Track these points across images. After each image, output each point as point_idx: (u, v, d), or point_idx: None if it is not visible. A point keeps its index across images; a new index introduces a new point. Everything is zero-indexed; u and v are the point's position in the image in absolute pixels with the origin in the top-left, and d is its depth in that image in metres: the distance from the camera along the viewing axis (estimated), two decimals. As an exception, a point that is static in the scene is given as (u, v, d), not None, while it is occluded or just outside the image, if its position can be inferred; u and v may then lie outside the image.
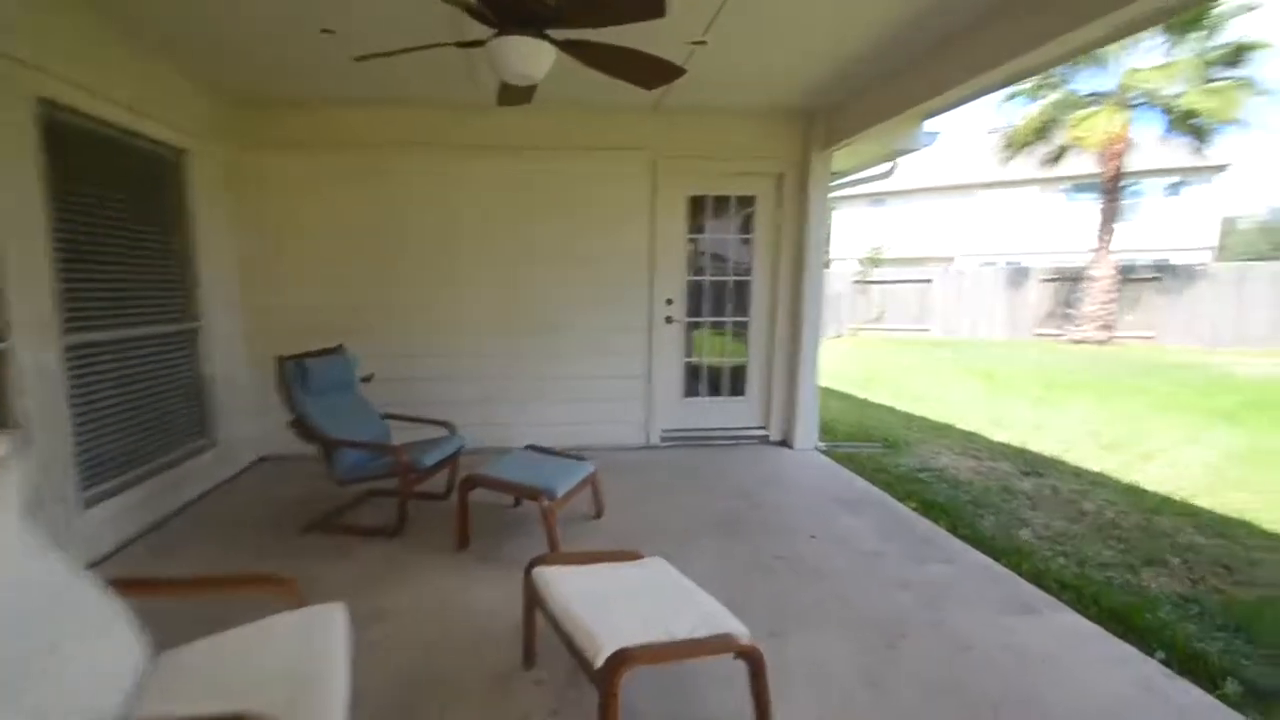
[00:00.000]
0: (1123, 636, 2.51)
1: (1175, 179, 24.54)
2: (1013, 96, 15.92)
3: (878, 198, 30.43)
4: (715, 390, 5.69)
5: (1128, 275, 15.69)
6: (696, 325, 5.59)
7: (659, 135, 5.07)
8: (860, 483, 4.52)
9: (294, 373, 3.51)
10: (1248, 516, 4.16)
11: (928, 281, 18.64)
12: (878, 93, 4.17)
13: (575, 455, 3.65)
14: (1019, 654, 2.38)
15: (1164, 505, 4.38)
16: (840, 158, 5.40)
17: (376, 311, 5.01)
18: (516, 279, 5.14)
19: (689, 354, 5.58)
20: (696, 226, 5.44)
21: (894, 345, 16.21)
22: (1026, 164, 16.78)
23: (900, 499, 4.20)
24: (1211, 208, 25.04)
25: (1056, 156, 16.05)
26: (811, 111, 5.00)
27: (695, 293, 5.53)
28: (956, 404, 8.17)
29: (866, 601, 2.77)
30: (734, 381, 5.68)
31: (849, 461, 5.17)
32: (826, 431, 6.05)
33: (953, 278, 18.58)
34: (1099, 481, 4.91)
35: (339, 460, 3.43)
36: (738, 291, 5.56)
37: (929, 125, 4.97)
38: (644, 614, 1.87)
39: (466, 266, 5.08)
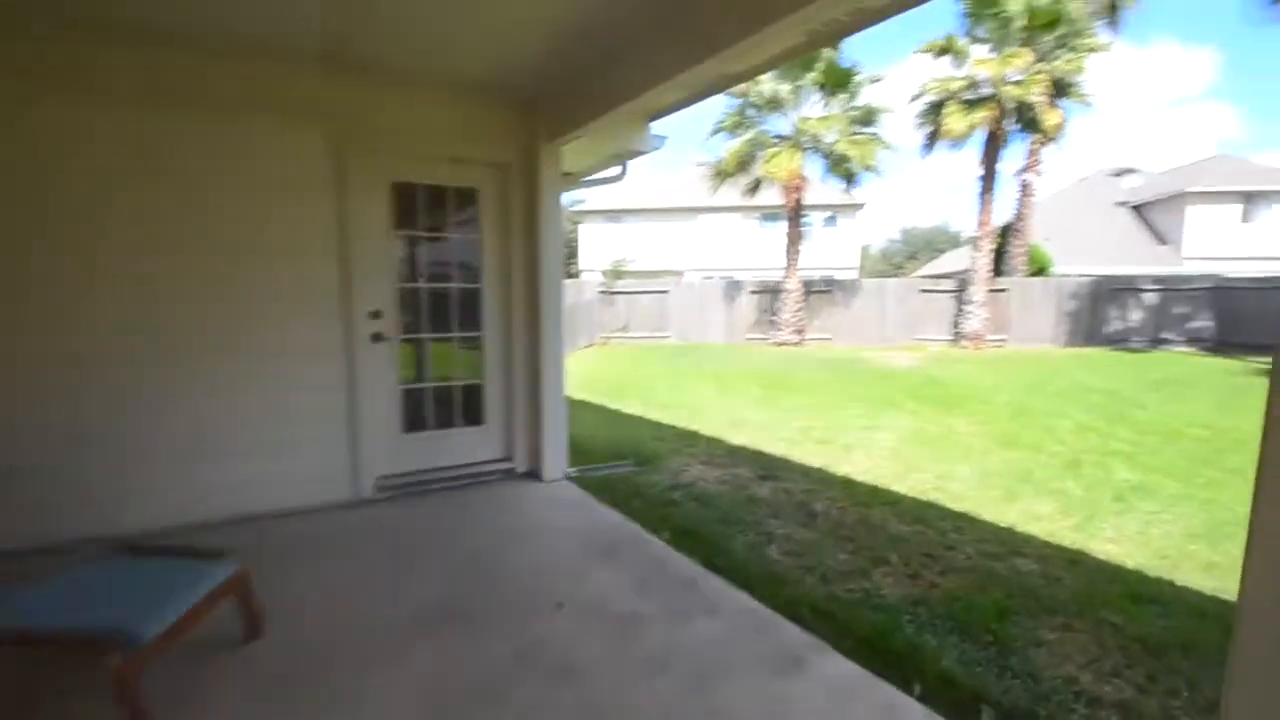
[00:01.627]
0: (882, 672, 2.35)
1: (830, 213, 30.49)
2: (716, 132, 17.81)
3: (615, 215, 32.20)
4: (446, 420, 4.79)
5: (810, 289, 18.64)
6: (415, 342, 4.64)
7: (344, 101, 4.01)
8: (613, 517, 4.06)
9: None
10: (931, 497, 4.70)
11: (665, 292, 20.04)
12: (599, 80, 3.77)
13: (210, 550, 2.43)
14: (801, 724, 2.03)
15: (872, 497, 4.74)
16: (572, 158, 4.97)
17: None
18: (152, 285, 3.60)
19: (415, 378, 4.61)
20: (407, 222, 4.49)
21: (640, 352, 16.86)
22: (732, 192, 18.97)
23: (655, 530, 3.83)
24: (855, 236, 31.56)
25: (754, 187, 18.41)
26: (535, 99, 4.43)
27: (412, 303, 4.58)
28: (698, 409, 8.44)
29: (624, 705, 2.20)
30: (469, 407, 4.84)
31: (602, 489, 4.72)
32: (580, 452, 5.57)
33: (684, 290, 20.16)
34: (821, 479, 5.20)
35: None
36: (466, 301, 4.75)
37: (657, 129, 4.77)
38: None
39: (70, 268, 3.41)
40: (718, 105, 18.04)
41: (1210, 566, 3.45)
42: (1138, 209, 27.75)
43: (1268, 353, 10.67)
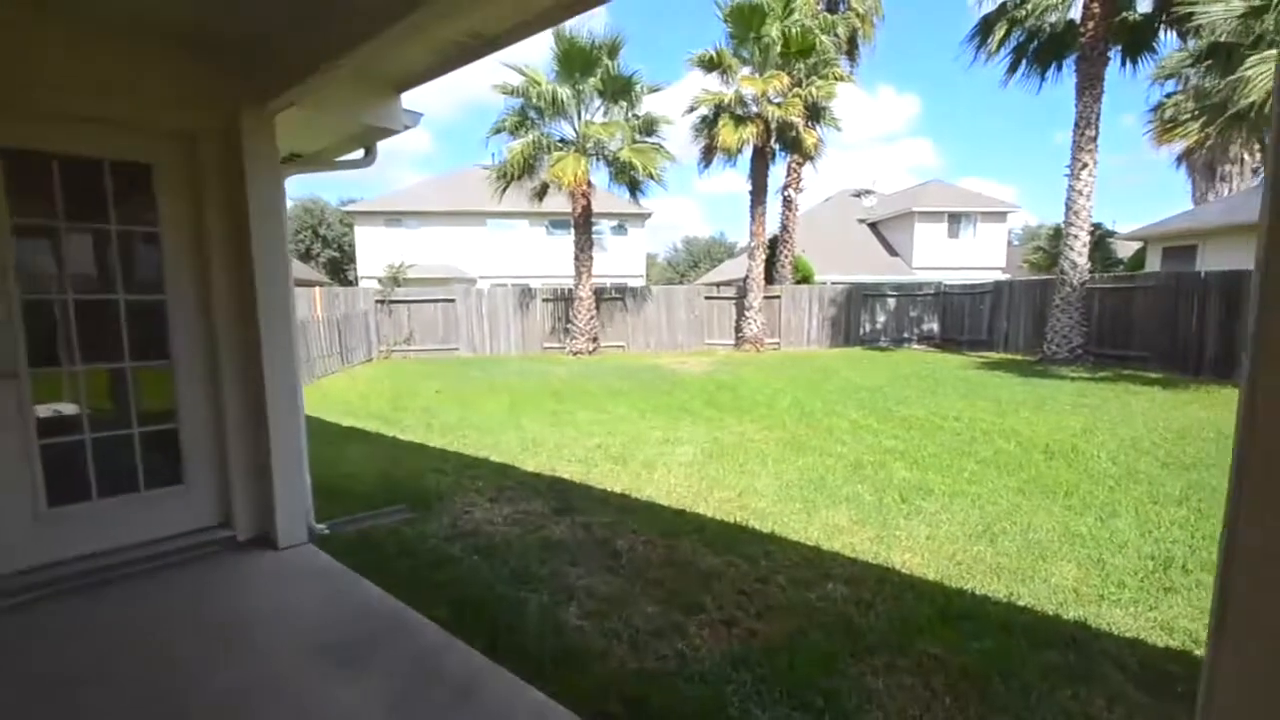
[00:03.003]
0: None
1: (618, 222, 31.24)
2: (497, 131, 16.94)
3: (396, 217, 29.55)
4: (122, 482, 3.44)
5: (602, 296, 18.56)
6: (64, 377, 3.25)
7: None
8: (371, 592, 3.09)
9: None
10: (737, 518, 4.43)
11: (451, 301, 18.52)
12: (312, 26, 2.84)
13: None
14: None
15: (678, 524, 4.33)
16: (303, 135, 3.90)
17: None
18: None
19: (65, 427, 3.22)
20: (31, 208, 3.09)
21: (426, 366, 15.32)
22: (520, 198, 18.24)
23: (426, 605, 2.96)
24: (642, 245, 32.71)
25: (540, 192, 17.87)
26: (237, 47, 3.29)
27: (45, 324, 3.18)
28: (487, 430, 7.56)
29: None
30: (157, 460, 3.54)
31: (362, 549, 3.72)
32: (338, 499, 4.47)
33: (473, 298, 18.83)
34: (623, 507, 4.69)
35: None
36: (144, 317, 3.44)
37: (412, 104, 3.88)
38: None
39: None
40: (501, 104, 17.16)
41: (997, 569, 3.53)
42: (874, 225, 32.51)
43: (980, 349, 12.71)
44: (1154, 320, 12.87)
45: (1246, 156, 22.81)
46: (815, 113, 17.55)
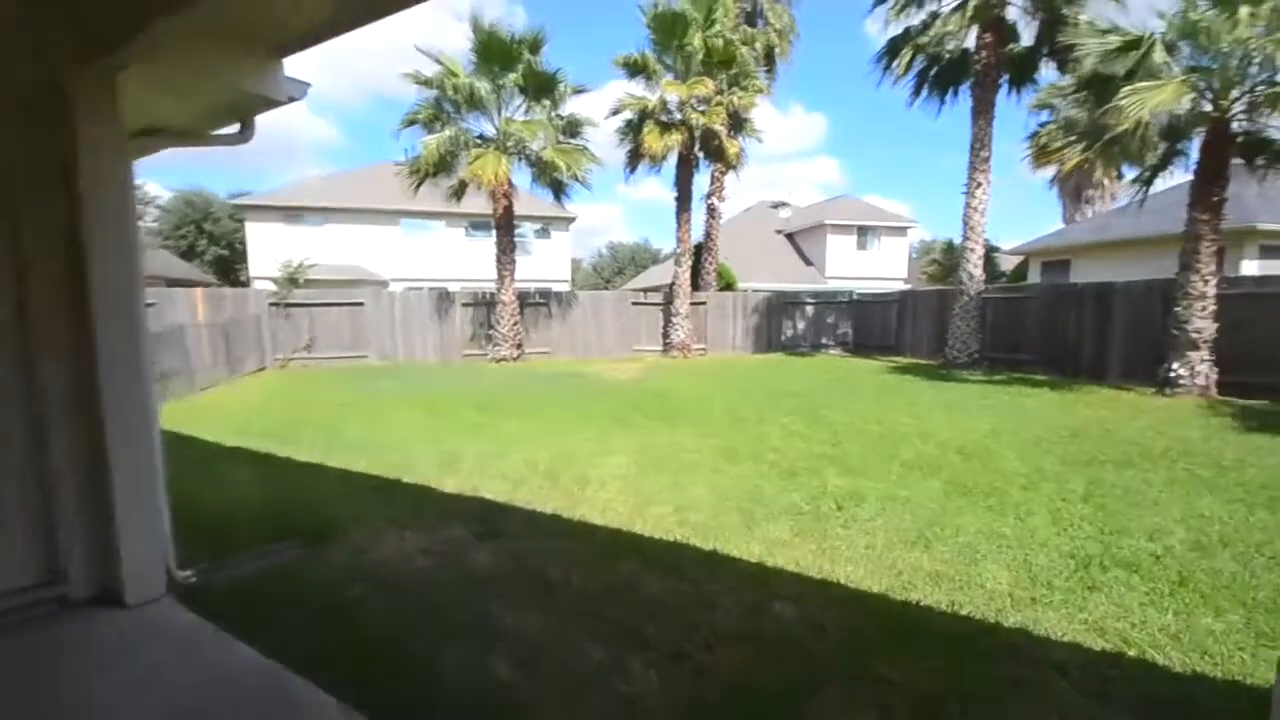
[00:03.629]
0: None
1: (542, 225, 30.73)
2: (410, 124, 16.15)
3: (295, 213, 27.63)
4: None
5: (526, 301, 18.04)
6: None
7: None
8: (246, 658, 2.57)
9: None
10: (677, 535, 4.24)
11: (360, 305, 17.35)
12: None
13: None
14: None
15: (615, 546, 4.08)
16: (165, 102, 3.34)
17: None
18: None
19: None
20: None
21: (330, 376, 14.18)
22: (437, 197, 17.48)
23: (318, 671, 2.46)
24: (567, 249, 32.31)
25: (458, 191, 17.18)
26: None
27: None
28: (400, 446, 6.98)
29: None
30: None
31: (238, 601, 3.19)
32: (214, 537, 3.86)
33: (385, 301, 17.76)
34: (556, 530, 4.40)
35: None
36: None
37: (297, 70, 3.40)
38: None
39: None
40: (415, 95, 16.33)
41: (936, 577, 3.51)
42: (790, 236, 33.61)
43: (889, 353, 13.22)
44: (1038, 327, 13.86)
45: (1107, 182, 25.15)
46: (738, 123, 17.84)
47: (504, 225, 17.10)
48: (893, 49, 14.91)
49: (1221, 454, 6.04)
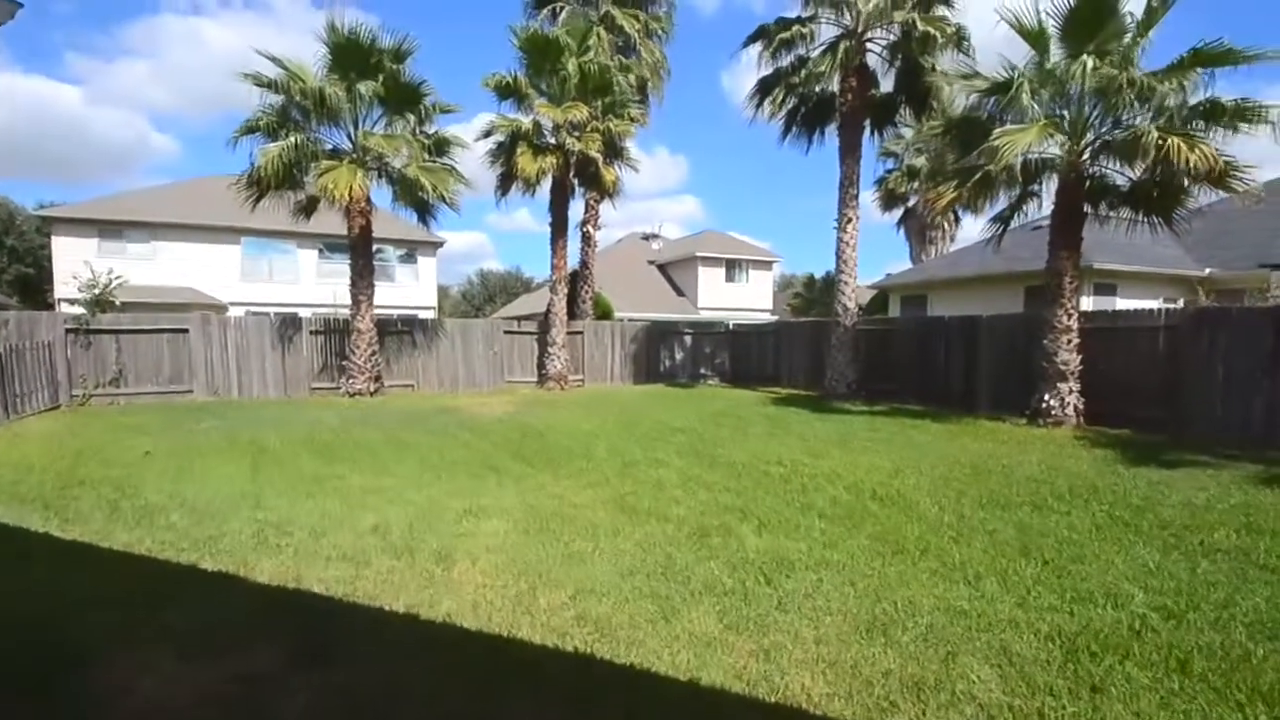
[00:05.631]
0: None
1: (407, 249, 28.58)
2: (249, 131, 14.06)
3: (114, 228, 23.55)
4: None
5: (387, 329, 16.17)
6: None
7: None
8: None
9: None
10: (578, 641, 3.22)
11: (184, 331, 14.51)
12: None
13: None
14: None
15: (496, 666, 3.01)
16: None
17: None
18: None
19: None
20: None
21: (141, 416, 11.43)
22: (284, 214, 15.35)
23: None
24: (434, 276, 30.28)
25: (307, 208, 15.28)
26: None
27: None
28: (206, 511, 5.37)
29: None
30: None
31: None
32: None
33: (215, 327, 14.99)
34: (409, 644, 3.21)
35: None
36: None
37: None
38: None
39: None
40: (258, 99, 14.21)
41: (914, 685, 2.78)
42: (663, 267, 33.90)
43: (768, 383, 13.00)
44: (909, 359, 14.43)
45: (946, 225, 27.78)
46: (614, 150, 17.38)
47: (360, 246, 15.23)
48: (765, 87, 15.21)
49: (1127, 493, 5.94)
